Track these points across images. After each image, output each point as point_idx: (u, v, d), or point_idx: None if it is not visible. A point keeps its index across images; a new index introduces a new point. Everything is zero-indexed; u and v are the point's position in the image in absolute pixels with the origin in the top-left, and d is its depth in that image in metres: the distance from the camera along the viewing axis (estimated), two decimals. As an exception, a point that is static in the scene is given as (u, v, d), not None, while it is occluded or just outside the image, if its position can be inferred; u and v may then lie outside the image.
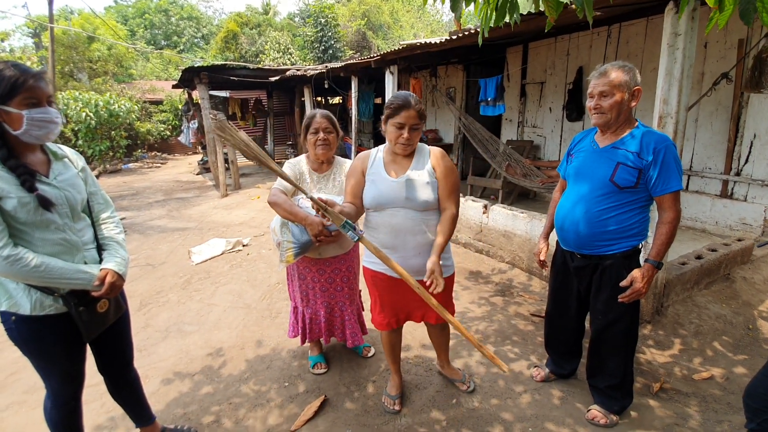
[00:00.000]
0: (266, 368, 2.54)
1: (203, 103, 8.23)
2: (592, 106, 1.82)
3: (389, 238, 1.85)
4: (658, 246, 1.76)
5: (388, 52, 5.52)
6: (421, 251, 1.84)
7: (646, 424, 2.02)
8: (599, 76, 1.78)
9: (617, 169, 1.77)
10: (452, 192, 1.85)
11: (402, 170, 1.85)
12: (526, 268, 3.94)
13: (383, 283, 1.96)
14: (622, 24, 4.85)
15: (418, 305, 1.97)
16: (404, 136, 1.77)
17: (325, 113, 2.22)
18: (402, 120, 1.76)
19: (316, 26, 17.56)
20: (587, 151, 1.93)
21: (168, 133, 14.98)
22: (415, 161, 1.87)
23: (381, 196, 1.83)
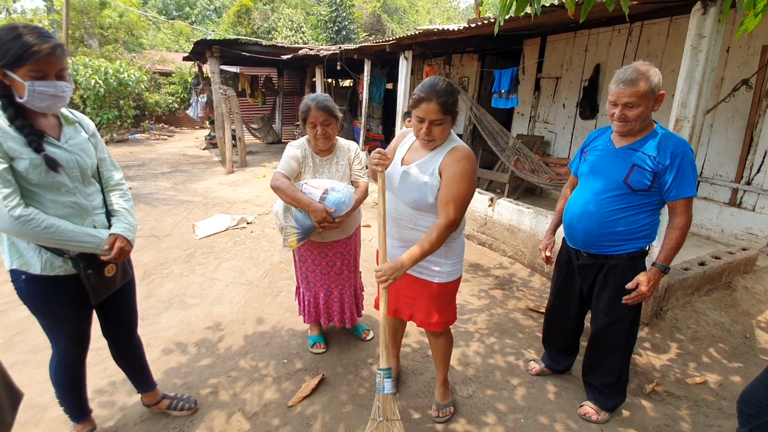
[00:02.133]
0: (266, 344, 2.57)
1: (213, 78, 8.17)
2: (616, 115, 1.73)
3: (389, 220, 1.79)
4: (667, 251, 1.75)
5: (403, 37, 5.44)
6: (406, 246, 1.71)
7: (636, 423, 2.05)
8: (627, 84, 1.66)
9: (632, 171, 1.75)
10: (451, 200, 1.60)
11: (412, 160, 1.73)
12: (528, 263, 3.95)
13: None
14: (645, 23, 4.75)
15: (409, 303, 1.87)
16: (424, 131, 1.61)
17: (320, 104, 2.10)
18: (421, 114, 1.59)
19: (331, 5, 17.27)
20: (603, 149, 1.89)
21: (176, 106, 14.90)
22: (429, 156, 1.69)
23: (389, 175, 1.78)
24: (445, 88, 1.59)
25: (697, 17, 2.40)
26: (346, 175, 2.28)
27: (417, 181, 1.67)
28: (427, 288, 1.80)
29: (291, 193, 2.06)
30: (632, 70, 1.66)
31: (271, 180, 2.12)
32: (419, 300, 1.83)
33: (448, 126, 1.65)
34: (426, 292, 1.81)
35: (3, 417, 0.92)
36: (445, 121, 1.61)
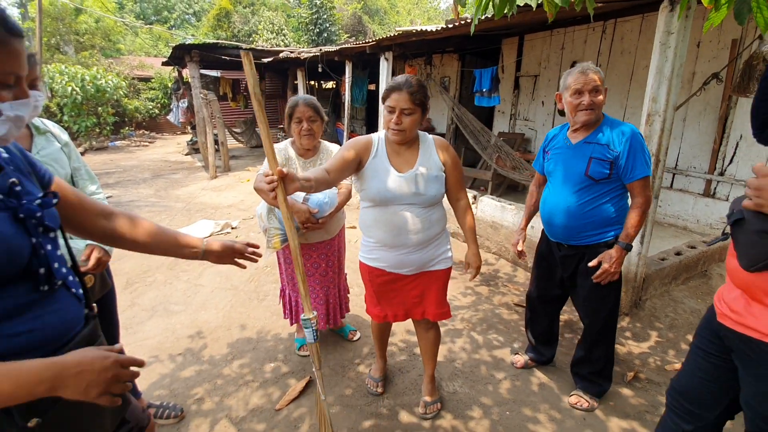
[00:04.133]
0: (252, 349, 2.56)
1: (194, 82, 8.08)
2: (585, 102, 1.80)
3: (390, 236, 1.75)
4: (628, 229, 1.85)
5: (383, 38, 5.47)
6: (422, 247, 1.78)
7: (618, 410, 2.10)
8: (584, 72, 1.80)
9: (590, 163, 1.86)
10: (462, 181, 1.85)
11: (408, 164, 1.74)
12: (512, 259, 4.01)
13: (380, 279, 1.87)
14: (618, 20, 4.87)
15: (417, 302, 1.91)
16: (394, 120, 1.65)
17: (308, 100, 2.17)
18: (392, 103, 1.64)
19: (311, 8, 17.23)
20: (561, 147, 2.00)
21: (156, 112, 14.69)
22: (422, 154, 1.75)
23: (387, 191, 1.69)
24: (416, 81, 1.66)
25: (665, 14, 2.48)
26: None
27: (431, 177, 1.72)
28: (436, 277, 1.86)
29: None
30: (584, 64, 1.84)
31: (254, 182, 2.11)
32: (429, 293, 1.88)
33: (417, 118, 1.69)
34: (435, 282, 1.87)
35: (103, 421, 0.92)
36: (415, 111, 1.65)
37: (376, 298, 1.95)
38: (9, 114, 0.74)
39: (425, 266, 1.83)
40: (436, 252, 1.83)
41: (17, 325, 0.75)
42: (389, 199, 1.71)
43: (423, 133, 1.83)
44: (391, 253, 1.78)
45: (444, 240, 1.87)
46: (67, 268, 0.88)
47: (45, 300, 0.81)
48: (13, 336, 0.74)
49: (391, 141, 1.75)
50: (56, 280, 0.83)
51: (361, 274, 1.97)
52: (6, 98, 0.73)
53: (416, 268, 1.82)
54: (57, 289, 0.84)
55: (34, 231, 0.80)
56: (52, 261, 0.82)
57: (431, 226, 1.77)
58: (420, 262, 1.81)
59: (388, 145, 1.77)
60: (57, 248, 0.86)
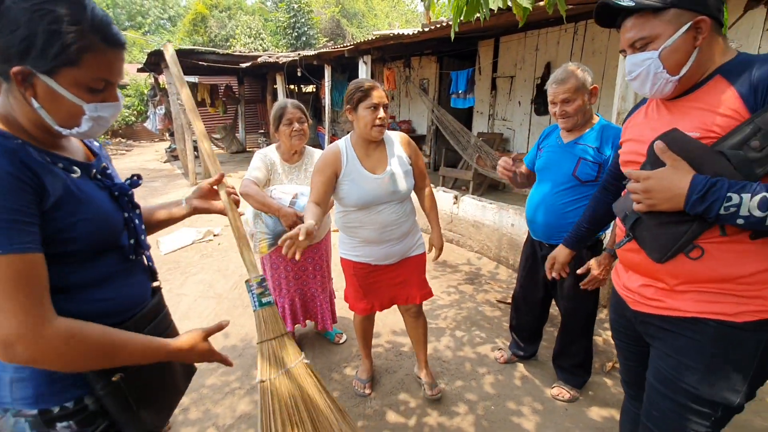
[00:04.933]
0: (237, 356, 2.55)
1: (171, 89, 7.95)
2: (557, 112, 1.88)
3: (376, 234, 1.84)
4: (613, 236, 1.88)
5: (361, 42, 5.51)
6: (403, 238, 1.93)
7: (598, 400, 2.17)
8: (559, 83, 1.83)
9: (579, 163, 1.88)
10: (424, 170, 2.00)
11: (380, 164, 1.82)
12: (494, 257, 4.08)
13: (364, 271, 1.95)
14: (588, 22, 5.02)
15: (401, 289, 2.02)
16: (381, 116, 1.72)
17: (295, 103, 2.22)
18: (376, 100, 1.72)
19: (289, 12, 17.16)
20: (553, 146, 2.03)
21: (133, 119, 14.40)
22: (389, 152, 1.86)
23: (367, 194, 1.77)
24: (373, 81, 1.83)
25: (629, 17, 2.57)
26: None
27: (402, 174, 1.85)
28: (415, 262, 2.02)
29: (260, 199, 2.07)
30: (562, 71, 1.84)
31: (240, 187, 2.12)
32: (411, 278, 2.02)
33: None
34: (415, 266, 2.02)
35: (176, 383, 1.06)
36: (387, 104, 1.80)
37: (361, 292, 2.01)
38: (92, 114, 0.79)
39: (405, 254, 1.98)
40: (412, 240, 1.99)
41: (104, 291, 0.86)
42: (370, 201, 1.79)
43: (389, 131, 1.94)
44: (377, 247, 1.89)
45: (416, 228, 2.02)
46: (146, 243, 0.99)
47: (127, 272, 0.91)
48: (97, 301, 0.84)
49: (373, 138, 1.79)
50: (143, 250, 0.95)
51: (344, 270, 2.03)
52: (92, 100, 0.78)
53: (398, 257, 1.96)
54: (140, 260, 0.96)
55: (127, 207, 0.92)
56: (140, 233, 0.95)
57: (408, 218, 1.92)
58: (402, 251, 1.95)
59: (357, 149, 1.82)
60: (142, 223, 0.98)
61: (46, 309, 0.71)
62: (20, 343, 0.68)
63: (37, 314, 0.69)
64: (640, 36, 0.99)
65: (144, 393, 0.91)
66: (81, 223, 0.78)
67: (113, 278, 0.88)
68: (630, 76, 1.06)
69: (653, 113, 1.14)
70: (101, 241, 0.83)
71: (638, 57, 1.01)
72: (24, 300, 0.68)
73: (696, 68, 0.99)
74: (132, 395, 0.87)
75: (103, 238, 0.84)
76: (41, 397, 0.80)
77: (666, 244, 0.99)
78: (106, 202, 0.86)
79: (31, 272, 0.69)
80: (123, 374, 0.85)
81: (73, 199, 0.77)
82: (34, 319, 0.68)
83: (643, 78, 1.02)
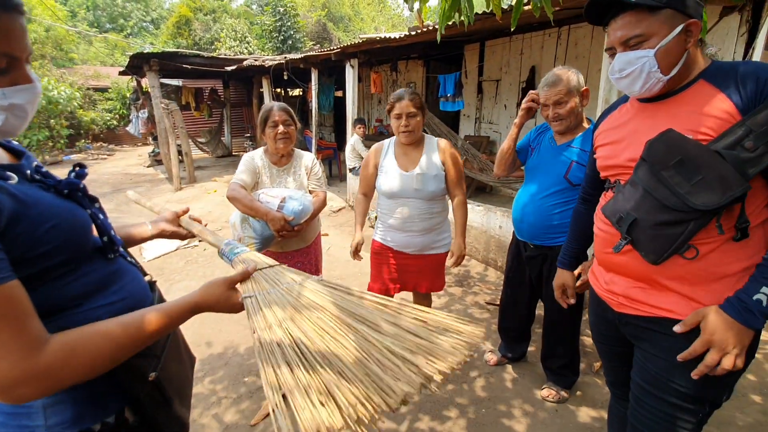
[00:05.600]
0: (224, 365, 2.50)
1: (153, 92, 7.83)
2: (550, 115, 1.89)
3: (398, 222, 2.12)
4: None
5: (348, 45, 5.50)
6: (425, 232, 2.12)
7: (588, 400, 2.19)
8: (550, 86, 1.84)
9: (571, 166, 1.89)
10: (460, 179, 2.12)
11: (413, 164, 2.06)
12: (483, 259, 4.10)
13: (385, 252, 2.21)
14: (571, 26, 5.11)
15: (411, 277, 2.24)
16: (403, 124, 2.00)
17: (282, 106, 2.19)
18: (399, 111, 2.00)
19: (275, 15, 17.07)
20: (546, 147, 2.03)
21: (115, 123, 14.12)
22: (425, 155, 2.07)
23: (394, 186, 2.06)
24: (413, 90, 2.07)
25: (612, 21, 2.62)
26: (304, 186, 2.27)
27: (431, 176, 2.04)
28: (434, 259, 2.20)
29: (248, 203, 2.03)
30: (552, 74, 1.85)
31: (227, 191, 2.08)
32: (426, 271, 2.22)
33: (421, 120, 2.04)
34: (433, 263, 2.20)
35: (187, 374, 1.03)
36: (417, 114, 2.01)
37: (380, 272, 2.27)
38: (2, 103, 0.65)
39: (426, 249, 2.16)
40: (436, 237, 2.16)
41: (108, 295, 0.80)
42: (395, 193, 2.08)
43: (429, 136, 2.16)
44: (399, 234, 2.14)
45: (445, 228, 2.20)
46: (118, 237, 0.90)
47: (119, 271, 0.85)
48: (105, 306, 0.79)
49: (402, 143, 2.10)
50: (117, 247, 0.87)
51: (372, 249, 2.30)
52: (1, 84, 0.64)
53: (419, 250, 2.15)
54: (118, 258, 0.88)
55: (85, 203, 0.82)
56: (109, 228, 0.85)
57: (432, 217, 2.11)
58: (422, 244, 2.14)
59: (397, 147, 2.14)
60: (106, 217, 0.88)
61: (32, 337, 0.62)
62: (22, 384, 0.60)
63: (23, 347, 0.60)
64: (635, 33, 0.99)
65: (173, 386, 0.91)
66: (51, 231, 0.68)
67: (110, 280, 0.82)
68: (620, 74, 1.05)
69: (632, 117, 1.14)
70: (78, 244, 0.75)
71: (632, 55, 1.01)
72: (6, 339, 0.60)
73: (683, 70, 1.01)
74: (168, 390, 0.87)
75: (79, 241, 0.76)
76: (81, 417, 0.75)
77: (663, 246, 0.99)
78: (61, 202, 0.74)
79: (7, 306, 0.60)
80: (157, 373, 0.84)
81: (27, 209, 0.65)
82: (21, 355, 0.60)
83: (635, 76, 1.02)
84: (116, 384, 0.78)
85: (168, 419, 0.88)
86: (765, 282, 0.92)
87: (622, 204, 1.08)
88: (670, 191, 0.96)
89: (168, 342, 0.93)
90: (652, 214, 1.00)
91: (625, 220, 1.06)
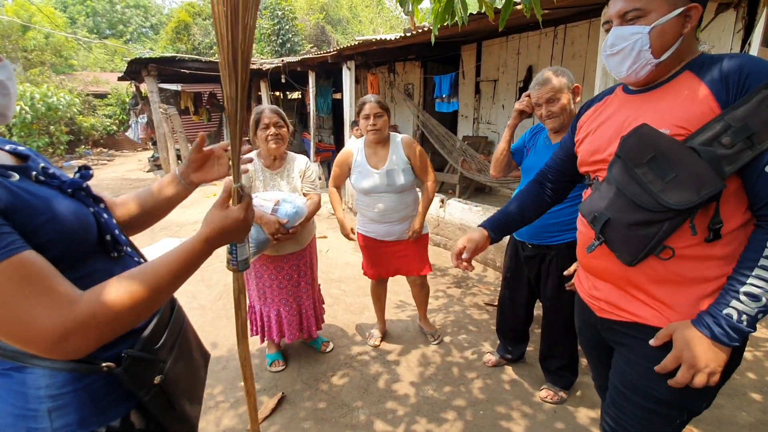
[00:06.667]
0: (222, 369, 2.49)
1: (152, 97, 7.85)
2: (543, 114, 1.90)
3: (377, 215, 2.37)
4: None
5: (344, 48, 5.51)
6: (401, 221, 2.41)
7: (586, 401, 2.17)
8: (541, 85, 1.87)
9: None
10: (425, 167, 2.37)
11: (382, 161, 2.31)
12: (482, 259, 4.09)
13: (371, 243, 2.49)
14: (567, 26, 5.10)
15: (401, 263, 2.51)
16: (371, 122, 2.23)
17: (273, 108, 2.19)
18: (366, 111, 2.23)
19: (273, 19, 17.11)
20: (541, 146, 2.04)
21: (115, 128, 14.17)
22: (391, 152, 2.31)
23: (368, 184, 2.31)
24: (376, 96, 2.30)
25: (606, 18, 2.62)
26: (297, 189, 2.27)
27: (398, 171, 2.29)
28: (415, 242, 2.45)
29: None
30: (542, 74, 1.88)
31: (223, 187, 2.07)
32: (411, 255, 2.48)
33: (386, 119, 2.28)
34: (415, 245, 2.46)
35: (199, 373, 1.04)
36: (383, 114, 2.25)
37: (371, 261, 2.55)
38: None
39: (404, 234, 2.42)
40: None
41: None
42: (369, 189, 2.32)
43: (394, 134, 2.37)
44: (379, 225, 2.41)
45: None
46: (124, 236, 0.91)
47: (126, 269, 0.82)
48: None
49: (370, 140, 2.32)
50: (121, 246, 0.87)
51: (359, 242, 2.56)
52: None
53: (398, 237, 2.43)
54: (124, 257, 0.88)
55: (88, 202, 0.83)
56: (113, 228, 0.86)
57: (407, 206, 2.39)
58: (401, 230, 2.42)
59: (367, 147, 2.37)
60: (111, 217, 0.89)
61: (65, 292, 0.66)
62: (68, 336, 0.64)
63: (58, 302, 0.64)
64: (634, 6, 0.95)
65: (180, 388, 0.91)
66: (46, 224, 0.70)
67: None
68: (611, 50, 1.01)
69: (617, 110, 1.10)
70: (76, 240, 0.76)
71: (626, 30, 0.97)
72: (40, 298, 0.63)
73: (673, 58, 0.97)
74: (173, 393, 0.87)
75: (77, 237, 0.76)
76: (85, 420, 0.76)
77: (637, 246, 0.96)
78: (64, 199, 0.77)
79: (30, 270, 0.64)
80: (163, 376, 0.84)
81: (23, 203, 0.68)
82: (58, 310, 0.64)
83: (626, 54, 0.98)
84: (121, 388, 0.79)
85: (175, 421, 0.89)
86: (735, 295, 0.88)
87: (597, 202, 1.04)
88: (642, 189, 0.92)
89: (178, 342, 0.93)
90: (626, 213, 0.96)
91: (599, 220, 1.02)
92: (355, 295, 3.43)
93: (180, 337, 0.95)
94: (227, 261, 1.10)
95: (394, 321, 3.00)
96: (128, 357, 0.79)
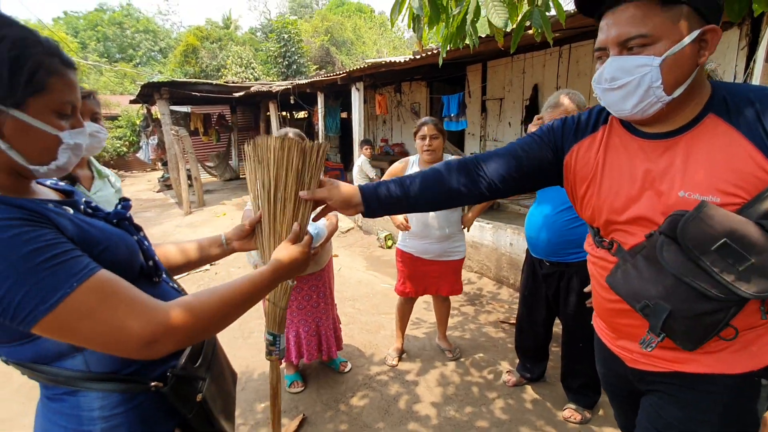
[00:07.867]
0: (240, 390, 2.48)
1: (164, 119, 8.01)
2: None
3: (419, 229, 2.46)
4: None
5: (353, 70, 5.64)
6: (442, 240, 2.48)
7: (611, 419, 2.14)
8: (553, 107, 1.91)
9: None
10: None
11: None
12: (495, 276, 4.08)
13: (408, 259, 2.56)
14: (572, 45, 5.20)
15: (432, 282, 2.58)
16: (427, 143, 2.37)
17: (296, 132, 2.24)
18: (424, 132, 2.39)
19: (279, 41, 17.53)
20: None
21: (125, 150, 14.40)
22: None
23: None
24: (434, 119, 2.45)
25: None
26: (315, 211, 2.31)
27: None
28: (451, 265, 2.55)
29: None
30: (555, 96, 1.95)
31: (242, 218, 2.11)
32: (445, 276, 2.56)
33: (441, 141, 2.41)
34: (451, 268, 2.56)
35: (230, 391, 1.07)
36: (439, 136, 2.40)
37: (407, 278, 2.60)
38: (69, 142, 0.75)
39: (443, 255, 2.51)
40: (452, 245, 2.51)
41: None
42: None
43: (447, 155, 2.53)
44: (419, 241, 2.50)
45: (460, 236, 2.55)
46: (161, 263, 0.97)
47: (163, 294, 0.89)
48: None
49: (425, 160, 2.43)
50: (160, 271, 0.93)
51: (397, 258, 2.65)
52: (65, 127, 0.74)
53: (436, 256, 2.50)
54: (161, 282, 0.93)
55: (131, 230, 0.89)
56: (153, 254, 0.93)
57: (450, 225, 2.47)
58: (439, 251, 2.50)
59: (421, 164, 2.47)
60: (150, 244, 0.96)
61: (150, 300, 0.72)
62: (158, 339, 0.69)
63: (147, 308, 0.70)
64: (640, 32, 0.77)
65: (218, 405, 0.95)
66: (104, 253, 0.75)
67: None
68: (610, 84, 0.82)
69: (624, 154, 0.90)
70: (127, 266, 0.81)
71: (630, 61, 0.78)
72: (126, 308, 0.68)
73: (686, 94, 0.80)
74: (212, 410, 0.91)
75: (128, 264, 0.81)
76: None
77: (703, 334, 0.84)
78: (112, 229, 0.83)
79: (111, 285, 0.69)
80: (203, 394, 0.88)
81: (85, 233, 0.74)
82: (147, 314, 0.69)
83: (630, 90, 0.80)
84: (166, 406, 0.83)
85: None
86: None
87: (641, 285, 0.87)
88: (713, 279, 0.77)
89: (213, 362, 0.97)
90: (690, 304, 0.81)
91: (658, 313, 0.84)
92: (370, 314, 3.43)
93: (213, 357, 0.99)
94: (267, 351, 1.18)
95: (410, 339, 2.99)
96: (173, 376, 0.83)
